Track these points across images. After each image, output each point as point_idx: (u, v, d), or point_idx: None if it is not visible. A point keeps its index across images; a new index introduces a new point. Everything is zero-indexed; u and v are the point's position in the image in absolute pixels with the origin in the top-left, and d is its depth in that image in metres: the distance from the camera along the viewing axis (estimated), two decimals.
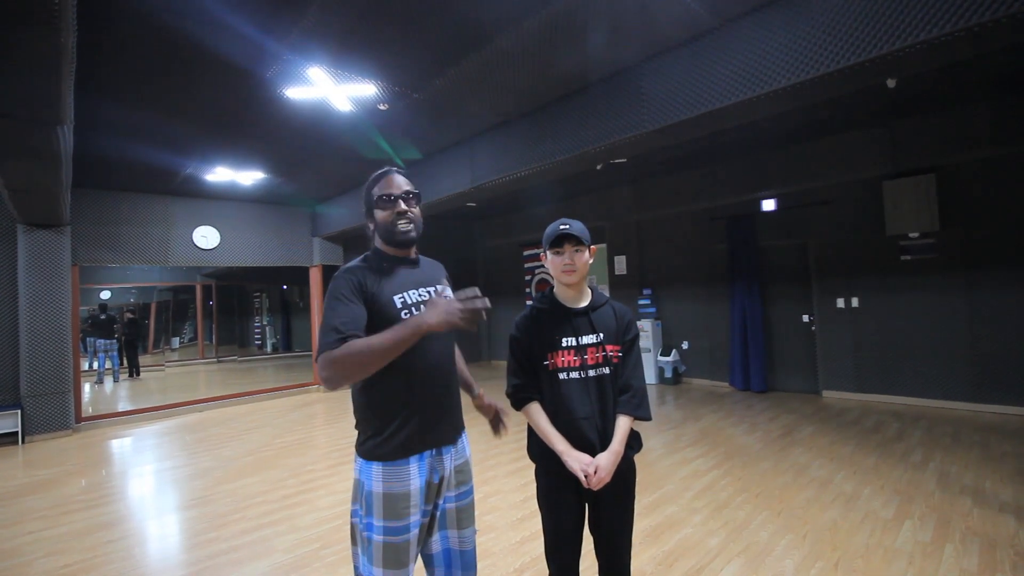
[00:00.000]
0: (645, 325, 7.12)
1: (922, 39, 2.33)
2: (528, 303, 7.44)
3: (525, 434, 1.63)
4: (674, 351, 7.05)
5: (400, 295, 1.37)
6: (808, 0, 2.72)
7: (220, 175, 5.80)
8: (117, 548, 2.89)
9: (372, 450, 1.33)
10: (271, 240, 7.68)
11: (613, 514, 1.53)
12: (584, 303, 1.59)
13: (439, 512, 1.38)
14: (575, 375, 1.53)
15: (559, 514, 1.53)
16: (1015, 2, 2.07)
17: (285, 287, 13.64)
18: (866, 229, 5.55)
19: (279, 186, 6.57)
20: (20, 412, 5.38)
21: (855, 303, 5.65)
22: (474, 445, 1.57)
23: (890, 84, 3.62)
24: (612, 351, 1.55)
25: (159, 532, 3.12)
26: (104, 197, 6.26)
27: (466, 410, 1.54)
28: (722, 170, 6.57)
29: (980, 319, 4.89)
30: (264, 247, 7.61)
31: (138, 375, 9.78)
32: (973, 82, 4.30)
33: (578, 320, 1.56)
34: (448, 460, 1.39)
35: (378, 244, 1.46)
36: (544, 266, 2.49)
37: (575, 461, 1.45)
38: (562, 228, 1.53)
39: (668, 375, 7.04)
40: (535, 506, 1.75)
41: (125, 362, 9.69)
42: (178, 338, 12.07)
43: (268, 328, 13.78)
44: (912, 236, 5.23)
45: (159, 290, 11.51)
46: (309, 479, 3.90)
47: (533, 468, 1.60)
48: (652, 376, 7.10)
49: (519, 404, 1.57)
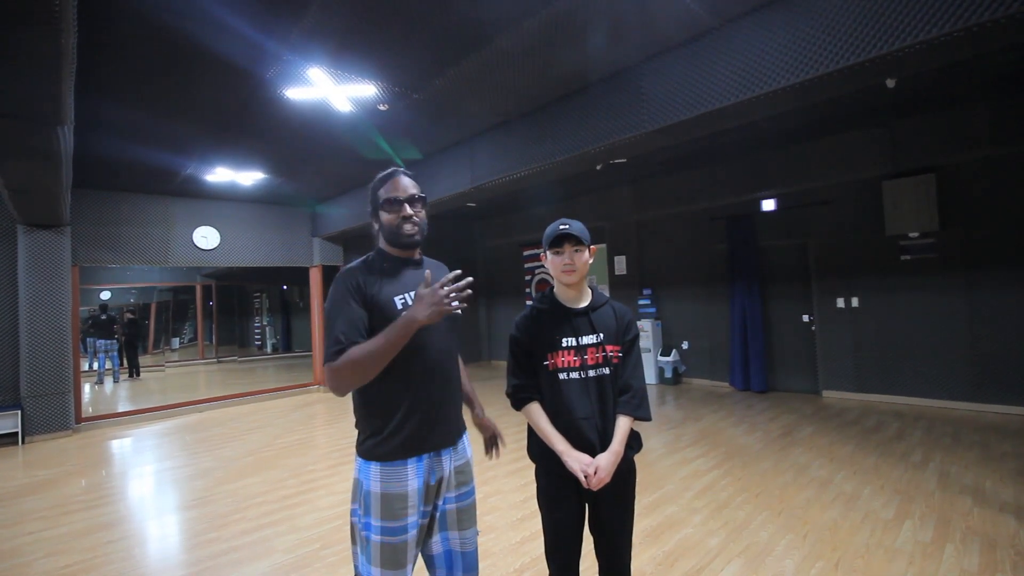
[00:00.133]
0: (645, 325, 7.12)
1: (922, 39, 2.33)
2: (528, 303, 7.45)
3: (525, 434, 1.63)
4: (674, 351, 7.04)
5: (401, 296, 1.37)
6: (808, 0, 2.72)
7: (220, 175, 5.80)
8: (117, 548, 2.89)
9: (371, 450, 1.33)
10: (271, 240, 7.68)
11: (613, 514, 1.53)
12: (584, 303, 1.59)
13: (439, 513, 1.38)
14: (575, 375, 1.52)
15: (559, 514, 1.53)
16: (1014, 2, 2.08)
17: (285, 287, 13.64)
18: (866, 229, 5.55)
19: (279, 186, 6.57)
20: (20, 412, 5.38)
21: (855, 303, 5.65)
22: (475, 446, 1.57)
23: (890, 84, 3.62)
24: (612, 351, 1.55)
25: (159, 532, 3.12)
26: (104, 197, 6.26)
27: (466, 411, 1.54)
28: (722, 170, 6.57)
29: (980, 319, 4.89)
30: (264, 247, 7.62)
31: (138, 375, 9.78)
32: (973, 82, 4.30)
33: (578, 320, 1.56)
34: (447, 461, 1.39)
35: (382, 244, 1.46)
36: (544, 266, 2.49)
37: (575, 461, 1.45)
38: (562, 228, 1.53)
39: (668, 375, 7.04)
40: (535, 506, 1.75)
41: (125, 362, 9.69)
42: (178, 338, 12.06)
43: (268, 328, 13.78)
44: (912, 236, 5.23)
45: (159, 290, 11.50)
46: (309, 479, 3.90)
47: (533, 468, 1.60)
48: (652, 376, 7.10)
49: (519, 404, 1.57)
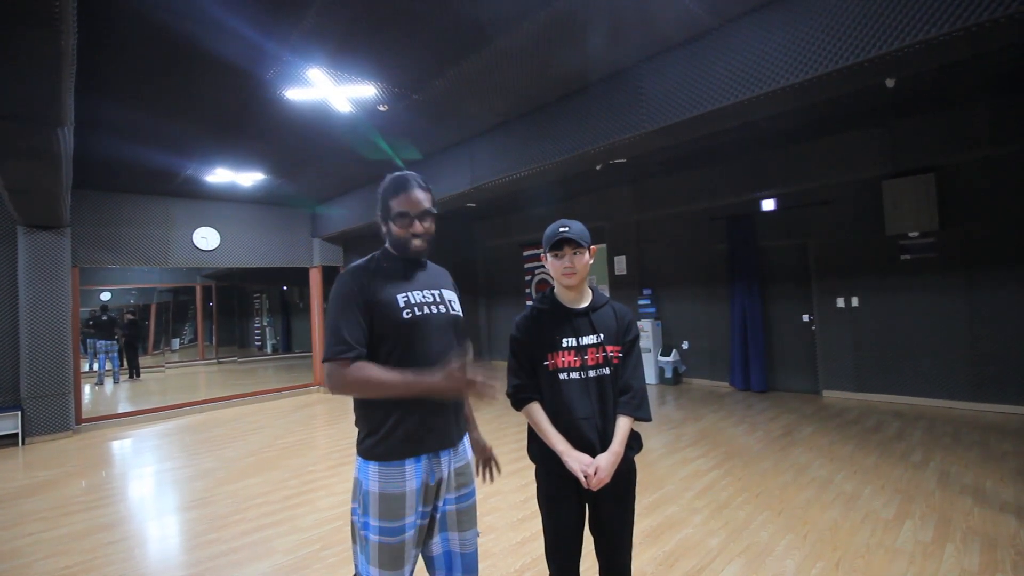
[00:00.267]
0: (645, 325, 7.12)
1: (921, 39, 2.33)
2: (528, 303, 7.45)
3: (525, 434, 1.63)
4: (674, 351, 7.04)
5: (404, 294, 1.38)
6: (807, 0, 2.72)
7: (220, 176, 5.80)
8: (118, 549, 2.89)
9: (370, 449, 1.33)
10: (271, 241, 7.68)
11: (613, 514, 1.53)
12: (584, 303, 1.60)
13: (439, 514, 1.38)
14: (575, 375, 1.52)
15: (559, 514, 1.53)
16: (1013, 2, 2.08)
17: (285, 288, 13.64)
18: (866, 229, 5.55)
19: (279, 187, 6.57)
20: (20, 413, 5.38)
21: (855, 303, 5.65)
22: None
23: (889, 84, 3.61)
24: (612, 352, 1.55)
25: (160, 533, 3.12)
26: (104, 198, 6.26)
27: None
28: (722, 170, 6.57)
29: (980, 319, 4.89)
30: (264, 248, 7.62)
31: (138, 376, 9.78)
32: (972, 82, 4.30)
33: (578, 320, 1.56)
34: (446, 463, 1.39)
35: (388, 246, 1.48)
36: (544, 266, 2.50)
37: (575, 462, 1.45)
38: (561, 231, 1.52)
39: (668, 375, 7.04)
40: (535, 507, 1.75)
41: (125, 363, 9.69)
42: (178, 339, 12.07)
43: (268, 329, 13.79)
44: (912, 236, 5.23)
45: (159, 291, 11.51)
46: (310, 480, 3.90)
47: (533, 469, 1.60)
48: (652, 376, 7.10)
49: (519, 404, 1.57)
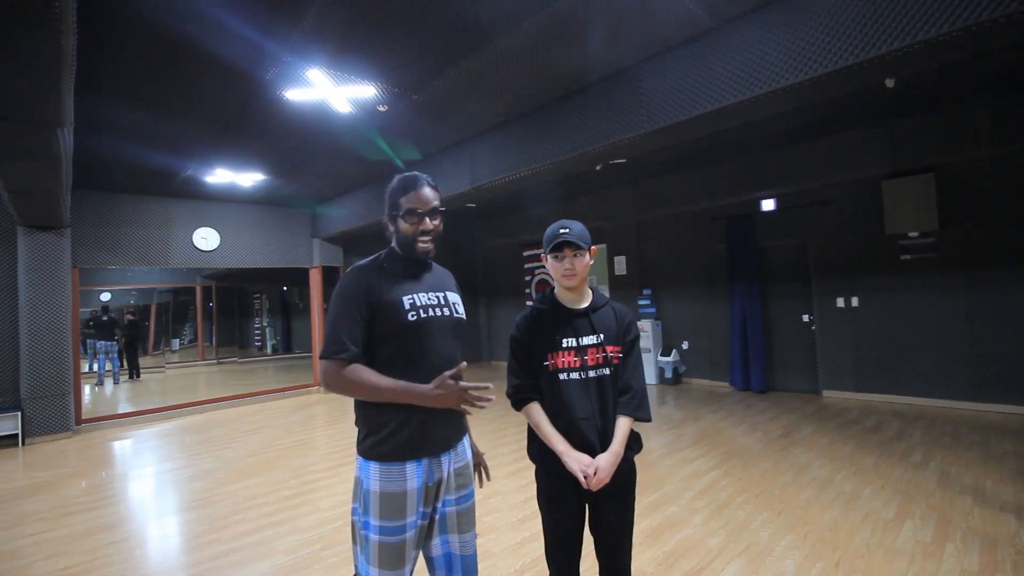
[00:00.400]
0: (645, 325, 7.11)
1: (921, 39, 2.33)
2: (528, 303, 7.44)
3: (525, 435, 1.63)
4: (674, 351, 7.04)
5: (410, 296, 1.39)
6: (807, 0, 2.72)
7: (220, 176, 5.80)
8: (118, 550, 2.89)
9: (370, 449, 1.33)
10: (271, 241, 7.68)
11: (613, 515, 1.53)
12: (584, 304, 1.60)
13: (439, 516, 1.38)
14: (575, 376, 1.53)
15: (559, 515, 1.53)
16: (1013, 2, 2.08)
17: (285, 288, 13.63)
18: (866, 229, 5.55)
19: (279, 187, 6.57)
20: (20, 414, 5.38)
21: (855, 303, 5.65)
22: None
23: (889, 84, 3.62)
24: (612, 352, 1.55)
25: (160, 534, 3.12)
26: (104, 199, 6.26)
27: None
28: (722, 170, 6.57)
29: (980, 319, 4.89)
30: (264, 248, 7.61)
31: (138, 377, 9.77)
32: (972, 81, 4.30)
33: (578, 321, 1.56)
34: (446, 464, 1.39)
35: (394, 245, 1.48)
36: (544, 266, 2.50)
37: (575, 462, 1.45)
38: (562, 232, 1.52)
39: (668, 375, 7.04)
40: (535, 507, 1.75)
41: (125, 364, 9.69)
42: (178, 340, 12.06)
43: (268, 329, 13.77)
44: (912, 236, 5.23)
45: (159, 292, 11.50)
46: (310, 480, 3.90)
47: (533, 469, 1.60)
48: (652, 376, 7.10)
49: (519, 404, 1.57)
